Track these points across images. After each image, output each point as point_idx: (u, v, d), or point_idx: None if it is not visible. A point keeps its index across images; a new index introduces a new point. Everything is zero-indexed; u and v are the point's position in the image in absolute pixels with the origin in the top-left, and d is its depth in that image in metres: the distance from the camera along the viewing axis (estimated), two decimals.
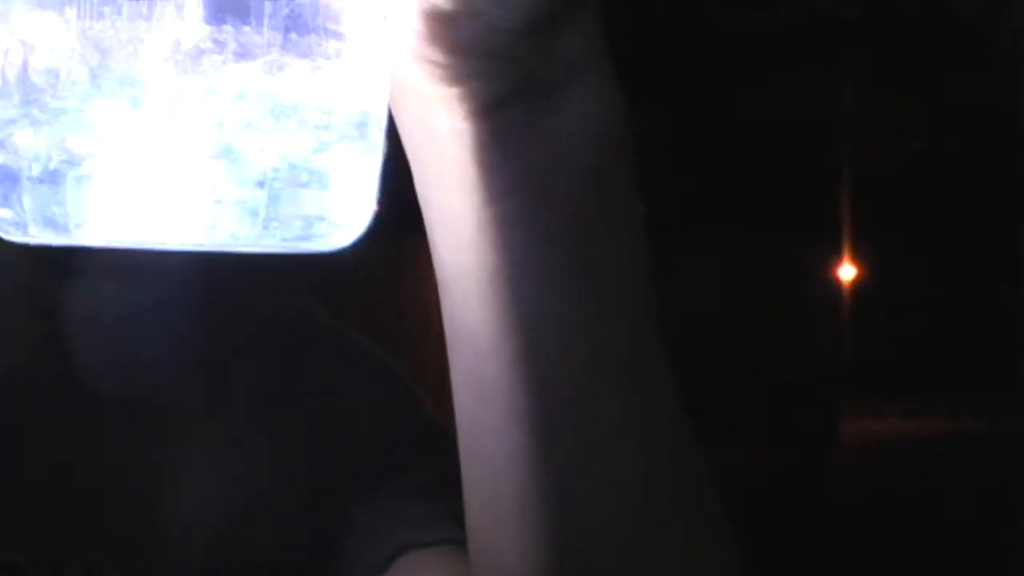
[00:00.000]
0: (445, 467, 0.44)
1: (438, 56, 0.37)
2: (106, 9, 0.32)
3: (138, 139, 0.32)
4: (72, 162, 0.32)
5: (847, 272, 3.49)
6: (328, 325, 0.60)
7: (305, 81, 0.33)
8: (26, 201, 0.32)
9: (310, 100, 0.33)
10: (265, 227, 0.33)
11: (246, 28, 0.32)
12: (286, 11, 0.33)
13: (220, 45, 0.32)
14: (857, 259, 3.51)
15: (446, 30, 0.36)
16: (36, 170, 0.32)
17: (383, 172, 0.38)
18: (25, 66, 0.32)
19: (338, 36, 0.34)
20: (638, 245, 0.41)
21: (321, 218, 0.34)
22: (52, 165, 0.32)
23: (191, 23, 0.32)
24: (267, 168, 0.33)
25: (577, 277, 0.40)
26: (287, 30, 0.33)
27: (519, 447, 0.40)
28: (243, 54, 0.32)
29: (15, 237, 0.33)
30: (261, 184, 0.33)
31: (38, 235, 0.33)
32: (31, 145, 0.32)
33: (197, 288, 0.53)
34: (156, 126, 0.32)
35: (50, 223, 0.32)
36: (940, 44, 2.86)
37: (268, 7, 0.32)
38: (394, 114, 0.39)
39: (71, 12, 0.31)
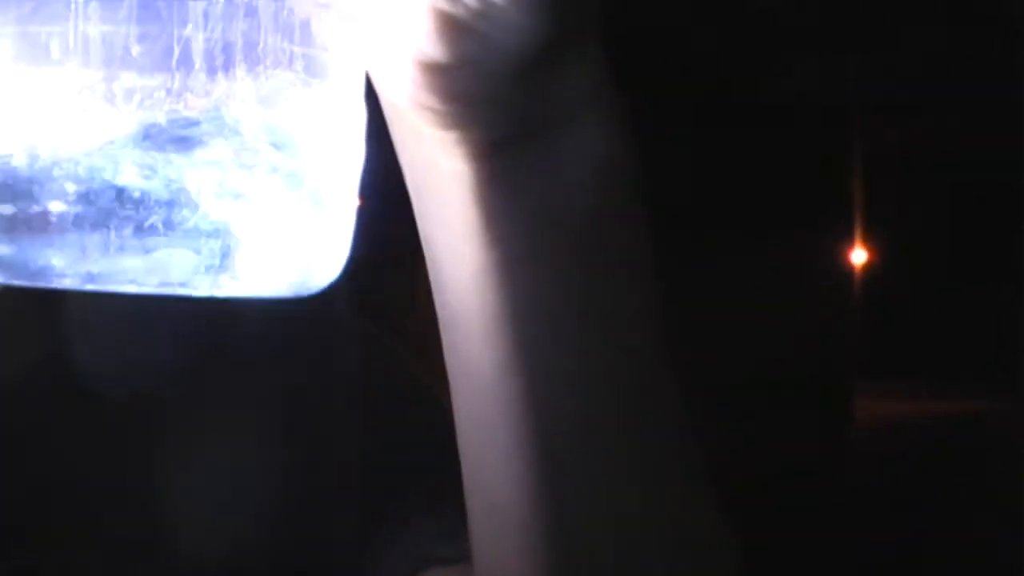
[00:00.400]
0: None
1: (434, 103, 0.36)
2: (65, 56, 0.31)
3: (95, 186, 0.32)
4: (38, 210, 0.32)
5: (859, 256, 3.49)
6: (351, 324, 0.58)
7: (270, 128, 0.33)
8: None
9: (276, 147, 0.33)
10: (227, 274, 0.33)
11: (201, 74, 0.32)
12: (245, 53, 0.32)
13: (177, 91, 0.31)
14: (869, 243, 3.51)
15: (440, 79, 0.36)
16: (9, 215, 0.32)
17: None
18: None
19: (306, 84, 0.34)
20: (643, 283, 0.40)
21: (290, 265, 0.34)
22: (14, 212, 0.32)
23: (143, 69, 0.31)
24: (229, 215, 0.32)
25: (581, 318, 0.39)
26: (247, 70, 0.32)
27: (519, 483, 0.40)
28: (200, 100, 0.32)
29: None
30: (221, 232, 0.32)
31: (5, 279, 0.33)
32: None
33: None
34: (112, 172, 0.32)
35: (13, 268, 0.32)
36: (951, 28, 2.85)
37: (230, 50, 0.32)
38: (397, 152, 0.39)
39: (51, 64, 0.31)
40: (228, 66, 0.32)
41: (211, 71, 0.32)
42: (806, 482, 3.11)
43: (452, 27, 0.35)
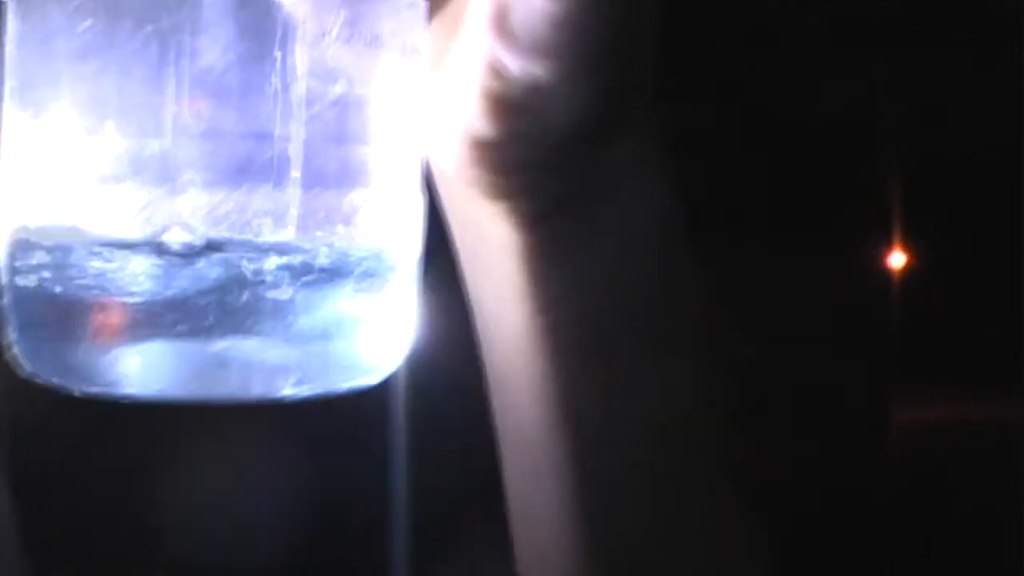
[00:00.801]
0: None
1: (484, 177, 0.37)
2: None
3: (159, 296, 0.31)
4: (106, 320, 0.32)
5: (897, 259, 3.48)
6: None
7: (329, 237, 0.33)
8: (55, 353, 0.32)
9: (336, 252, 0.33)
10: (296, 380, 0.33)
11: (263, 188, 0.32)
12: (307, 167, 0.32)
13: (242, 204, 0.32)
14: (907, 247, 3.50)
15: (490, 153, 0.36)
16: (67, 325, 0.32)
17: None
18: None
19: (362, 184, 0.33)
20: (695, 342, 0.40)
21: (353, 365, 0.34)
22: (81, 323, 0.32)
23: (208, 186, 0.31)
24: (294, 323, 0.32)
25: (630, 381, 0.39)
26: (308, 186, 0.32)
27: (566, 532, 0.40)
28: (262, 215, 0.32)
29: (48, 382, 0.33)
30: (289, 340, 0.32)
31: (68, 386, 0.33)
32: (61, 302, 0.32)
33: None
34: (182, 289, 0.31)
35: (78, 375, 0.32)
36: (989, 38, 2.85)
37: (291, 164, 0.32)
38: (448, 218, 0.39)
39: (124, 186, 0.31)
40: (288, 175, 0.32)
41: (274, 182, 0.32)
42: (843, 488, 3.10)
43: (502, 104, 0.36)
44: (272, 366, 0.32)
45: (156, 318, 0.31)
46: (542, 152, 0.36)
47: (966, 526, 2.95)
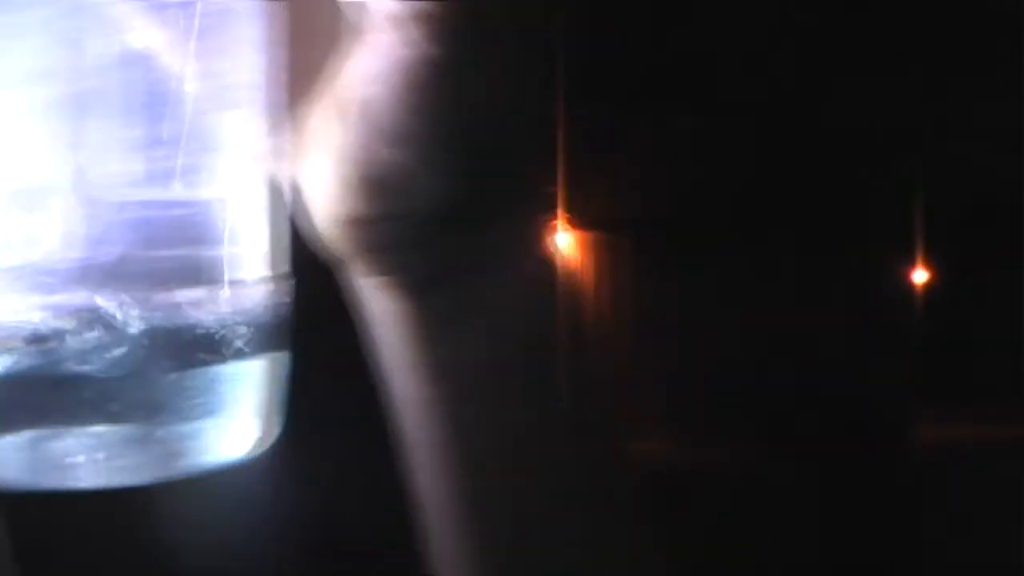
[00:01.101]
0: None
1: (358, 254, 0.38)
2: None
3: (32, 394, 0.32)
4: None
5: (920, 276, 3.46)
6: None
7: (186, 326, 0.33)
8: None
9: (196, 338, 0.33)
10: (164, 464, 0.33)
11: (109, 287, 0.32)
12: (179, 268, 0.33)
13: (91, 304, 0.32)
14: (930, 263, 3.48)
15: (361, 233, 0.38)
16: None
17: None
18: None
19: (210, 279, 0.34)
20: (588, 406, 0.42)
21: (218, 445, 0.34)
22: None
23: (63, 287, 0.32)
24: (158, 407, 0.33)
25: (524, 449, 0.41)
26: (155, 284, 0.33)
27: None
28: (115, 310, 0.32)
29: None
30: (155, 423, 0.33)
31: None
32: None
33: None
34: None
35: None
36: (1013, 47, 2.83)
37: (136, 264, 0.32)
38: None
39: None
40: (132, 274, 0.33)
41: (119, 283, 0.32)
42: (865, 506, 3.09)
43: (366, 186, 0.37)
44: (140, 450, 0.33)
45: (13, 408, 0.32)
46: (409, 232, 0.38)
47: (993, 547, 2.93)
